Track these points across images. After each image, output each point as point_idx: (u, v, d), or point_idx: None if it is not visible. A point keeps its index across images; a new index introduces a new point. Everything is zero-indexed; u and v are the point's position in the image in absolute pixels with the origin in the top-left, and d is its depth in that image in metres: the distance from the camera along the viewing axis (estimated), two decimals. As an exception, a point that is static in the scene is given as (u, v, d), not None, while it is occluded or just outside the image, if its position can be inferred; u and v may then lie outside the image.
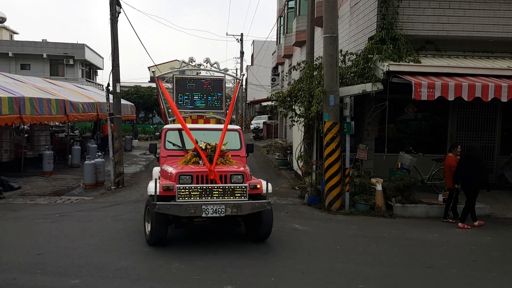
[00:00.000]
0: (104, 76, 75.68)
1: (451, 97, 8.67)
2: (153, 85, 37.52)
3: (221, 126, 7.84)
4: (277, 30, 27.09)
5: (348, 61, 11.02)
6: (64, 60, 35.55)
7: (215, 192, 6.19)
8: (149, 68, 57.17)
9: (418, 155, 10.84)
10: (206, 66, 8.86)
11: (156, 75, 8.42)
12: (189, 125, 7.70)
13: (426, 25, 10.61)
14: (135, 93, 32.68)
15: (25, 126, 14.75)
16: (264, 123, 32.28)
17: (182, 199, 6.06)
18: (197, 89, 8.60)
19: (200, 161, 6.63)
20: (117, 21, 12.14)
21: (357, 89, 9.62)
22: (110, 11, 12.05)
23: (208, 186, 6.19)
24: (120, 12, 12.17)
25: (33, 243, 6.68)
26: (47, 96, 13.55)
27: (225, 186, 6.23)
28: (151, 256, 6.14)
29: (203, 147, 6.78)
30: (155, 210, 5.91)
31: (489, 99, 8.72)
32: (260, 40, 41.33)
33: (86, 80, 36.99)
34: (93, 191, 11.72)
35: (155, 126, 34.13)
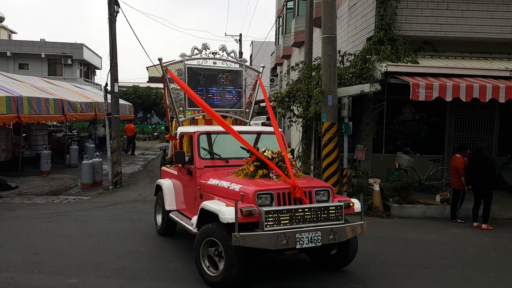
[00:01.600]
0: (102, 76, 75.78)
1: (448, 98, 8.68)
2: (152, 85, 37.52)
3: (266, 128, 6.76)
4: (276, 30, 27.11)
5: (347, 61, 11.04)
6: (62, 59, 35.50)
7: (308, 216, 4.82)
8: (147, 68, 57.15)
9: (415, 155, 10.86)
10: (222, 55, 7.62)
11: (163, 64, 7.04)
12: (216, 128, 6.33)
13: (424, 26, 10.62)
14: (133, 93, 32.63)
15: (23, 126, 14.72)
16: (262, 123, 32.29)
17: (270, 226, 4.62)
18: (213, 83, 7.37)
19: (273, 175, 5.24)
20: (115, 20, 12.15)
21: (355, 89, 9.63)
22: (109, 11, 12.06)
23: (299, 208, 4.80)
24: (118, 12, 12.18)
25: (30, 242, 6.66)
26: (45, 96, 13.54)
27: (318, 207, 4.91)
28: (148, 255, 6.13)
29: (269, 156, 5.39)
30: (239, 243, 4.44)
31: (487, 100, 8.74)
32: (259, 40, 41.36)
33: (84, 80, 36.94)
34: (91, 191, 11.71)
35: (153, 126, 34.14)
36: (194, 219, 5.44)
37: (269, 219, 4.62)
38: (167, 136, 7.45)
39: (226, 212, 4.64)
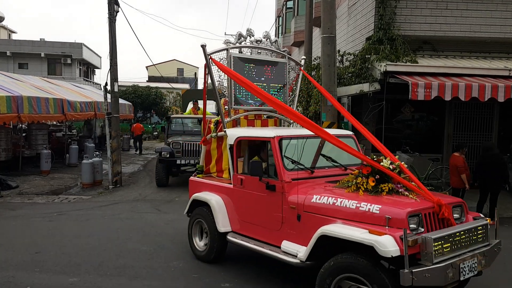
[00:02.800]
0: (102, 75, 75.65)
1: (448, 97, 8.70)
2: (152, 84, 37.50)
3: (339, 131, 5.91)
4: (276, 30, 27.11)
5: (346, 61, 11.06)
6: (62, 59, 35.50)
7: (463, 240, 4.05)
8: (147, 67, 57.15)
9: (414, 154, 10.88)
10: (266, 44, 6.50)
11: (208, 53, 5.74)
12: (297, 131, 5.40)
13: (423, 25, 10.65)
14: (133, 93, 32.61)
15: (23, 125, 14.74)
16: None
17: (438, 257, 3.76)
18: (258, 76, 6.27)
19: (402, 190, 4.36)
20: (115, 20, 12.16)
21: (354, 89, 9.65)
22: (108, 10, 12.07)
23: (457, 232, 3.99)
24: (118, 11, 12.19)
25: (31, 241, 6.69)
26: (45, 95, 13.55)
27: (470, 229, 4.12)
28: (149, 254, 6.15)
29: (390, 166, 4.49)
30: (411, 283, 3.56)
31: (486, 99, 8.76)
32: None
33: (84, 79, 36.94)
34: (91, 190, 11.73)
35: (153, 125, 34.11)
36: (299, 248, 4.43)
37: (438, 249, 3.77)
38: (200, 141, 6.27)
39: (387, 243, 3.62)
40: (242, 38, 6.20)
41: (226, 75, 5.85)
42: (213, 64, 5.78)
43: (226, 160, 5.73)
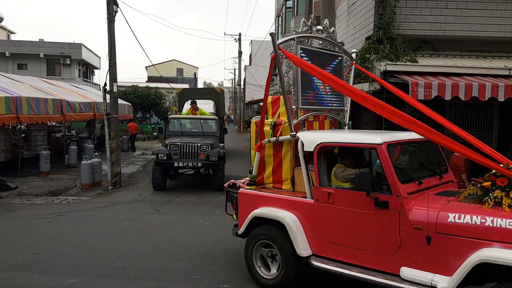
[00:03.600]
0: (101, 76, 75.63)
1: (448, 97, 8.68)
2: (151, 84, 37.51)
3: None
4: (275, 29, 27.11)
5: (346, 60, 11.03)
6: (61, 59, 35.47)
7: None
8: (146, 67, 57.15)
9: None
10: (326, 36, 5.77)
11: (277, 41, 4.90)
12: (399, 135, 4.75)
13: (423, 24, 10.62)
14: (132, 93, 32.59)
15: (22, 126, 14.71)
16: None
17: None
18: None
19: None
20: (114, 20, 12.13)
21: (354, 88, 9.63)
22: (107, 10, 12.04)
23: None
24: (117, 11, 12.16)
25: (30, 242, 6.66)
26: (44, 96, 13.53)
27: None
28: (148, 255, 6.13)
29: None
30: None
31: (486, 99, 8.74)
32: (258, 40, 41.41)
33: (83, 80, 36.91)
34: (90, 191, 11.70)
35: (153, 126, 34.09)
36: (433, 276, 3.82)
37: None
38: (256, 147, 5.29)
39: None
40: (305, 25, 5.39)
41: (292, 70, 5.06)
42: (283, 55, 4.90)
43: (287, 169, 5.06)
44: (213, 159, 10.99)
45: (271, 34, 5.03)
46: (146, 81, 48.57)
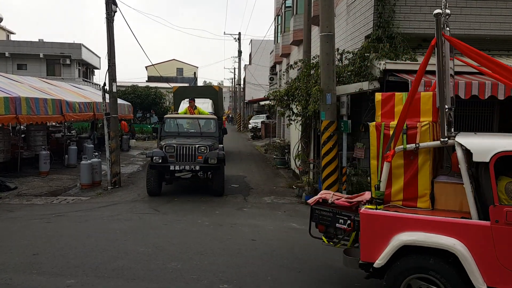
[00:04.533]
0: (101, 76, 75.64)
1: (447, 95, 8.65)
2: (151, 84, 37.48)
3: None
4: (275, 29, 27.08)
5: (345, 59, 11.01)
6: (60, 60, 35.46)
7: None
8: (146, 67, 57.15)
9: (415, 153, 10.82)
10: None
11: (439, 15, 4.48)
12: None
13: (422, 23, 10.60)
14: (132, 93, 32.58)
15: (22, 126, 14.70)
16: (262, 122, 32.34)
17: None
18: None
19: None
20: (113, 20, 12.11)
21: (354, 87, 9.61)
22: (106, 10, 12.02)
23: None
24: (116, 11, 12.14)
25: (29, 243, 6.65)
26: (44, 96, 13.51)
27: None
28: (147, 256, 6.11)
29: None
30: None
31: (486, 97, 8.72)
32: (258, 39, 41.39)
33: (83, 80, 36.89)
34: (90, 191, 11.68)
35: (153, 125, 34.09)
36: None
37: None
38: (389, 157, 4.41)
39: None
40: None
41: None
42: (445, 40, 4.32)
43: (425, 183, 4.36)
44: (212, 162, 10.12)
45: (435, 14, 4.36)
46: (146, 81, 48.60)
